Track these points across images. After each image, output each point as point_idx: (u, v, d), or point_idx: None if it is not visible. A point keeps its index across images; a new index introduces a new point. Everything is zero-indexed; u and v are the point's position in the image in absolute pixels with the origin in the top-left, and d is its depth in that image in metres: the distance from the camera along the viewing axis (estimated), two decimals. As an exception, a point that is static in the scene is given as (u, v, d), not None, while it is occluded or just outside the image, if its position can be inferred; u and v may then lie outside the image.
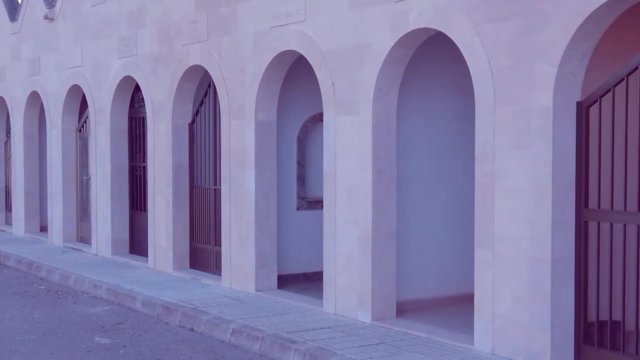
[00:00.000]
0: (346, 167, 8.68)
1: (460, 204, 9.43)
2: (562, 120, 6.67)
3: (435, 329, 7.99)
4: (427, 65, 9.25)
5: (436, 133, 9.35)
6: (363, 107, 8.44)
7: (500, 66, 7.02)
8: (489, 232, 7.14)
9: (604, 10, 6.32)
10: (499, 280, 7.07)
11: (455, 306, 9.16)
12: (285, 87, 10.61)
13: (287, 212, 10.95)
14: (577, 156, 6.73)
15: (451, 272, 9.42)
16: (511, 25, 6.91)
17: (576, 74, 6.66)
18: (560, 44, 6.53)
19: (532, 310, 6.78)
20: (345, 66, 8.68)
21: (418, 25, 7.79)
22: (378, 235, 8.42)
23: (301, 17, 9.25)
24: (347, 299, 8.67)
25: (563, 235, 6.71)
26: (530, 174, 6.79)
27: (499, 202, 7.05)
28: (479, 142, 7.23)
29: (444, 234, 9.41)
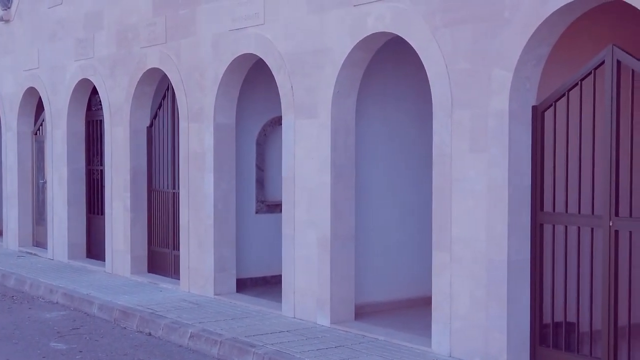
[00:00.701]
0: (305, 170, 8.69)
1: (419, 206, 9.49)
2: (518, 124, 6.75)
3: (393, 332, 8.03)
4: (386, 69, 9.30)
5: (394, 136, 9.40)
6: (322, 111, 8.46)
7: (457, 70, 7.09)
8: (447, 234, 7.20)
9: (558, 16, 6.42)
10: (457, 283, 7.12)
11: (414, 309, 9.21)
12: (244, 91, 10.59)
13: (246, 215, 10.92)
14: (532, 160, 6.81)
15: (409, 274, 9.47)
16: (468, 30, 6.98)
17: (531, 79, 6.75)
18: (515, 49, 6.61)
19: (489, 312, 6.85)
20: (304, 70, 8.70)
21: (376, 29, 7.83)
22: (337, 238, 8.45)
23: (260, 20, 9.24)
24: (306, 302, 8.67)
25: (519, 238, 6.79)
26: (486, 177, 6.86)
27: (457, 204, 7.12)
28: (437, 145, 7.29)
29: (402, 237, 9.46)
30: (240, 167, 10.79)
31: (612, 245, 6.29)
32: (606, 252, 6.31)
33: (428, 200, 9.36)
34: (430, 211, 7.51)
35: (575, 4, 6.27)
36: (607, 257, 6.30)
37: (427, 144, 9.34)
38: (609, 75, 6.26)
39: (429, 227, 9.07)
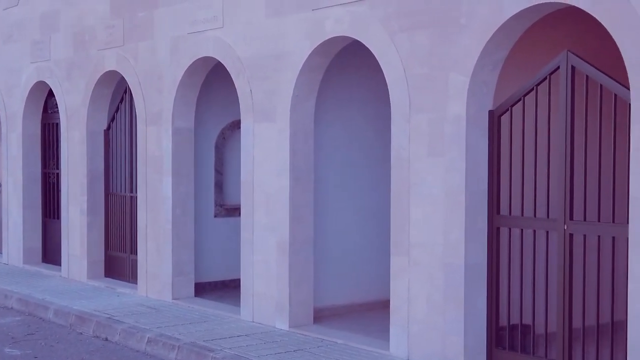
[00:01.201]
0: (264, 174, 8.68)
1: (377, 210, 9.54)
2: (475, 129, 6.82)
3: (352, 335, 8.05)
4: (345, 73, 9.33)
5: (353, 140, 9.43)
6: (281, 115, 8.46)
7: (415, 75, 7.14)
8: (405, 238, 7.24)
9: (514, 22, 6.50)
10: (415, 286, 7.17)
11: (373, 312, 9.25)
12: (203, 94, 10.55)
13: (204, 219, 10.88)
14: (489, 164, 6.88)
15: (368, 278, 9.51)
16: (426, 35, 7.03)
17: (488, 84, 6.82)
18: (472, 54, 6.68)
19: (446, 315, 6.90)
20: (263, 73, 8.69)
21: (335, 33, 7.86)
22: (295, 242, 8.45)
23: (219, 23, 9.22)
24: (265, 306, 8.66)
25: (476, 242, 6.85)
26: (444, 181, 6.92)
27: (414, 208, 7.16)
28: (395, 149, 7.33)
29: (361, 240, 9.49)
30: (199, 170, 10.74)
31: (567, 248, 6.37)
32: (561, 255, 6.40)
33: (387, 204, 9.39)
34: (389, 215, 7.55)
35: (531, 10, 6.36)
36: (562, 260, 6.39)
37: (385, 147, 9.38)
38: (564, 80, 6.35)
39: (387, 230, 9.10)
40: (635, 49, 5.63)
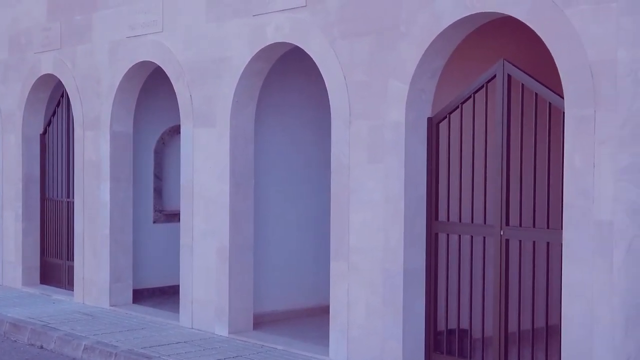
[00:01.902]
0: (204, 179, 8.64)
1: (317, 216, 9.56)
2: (414, 136, 6.90)
3: (292, 341, 8.05)
4: (286, 79, 9.35)
5: (294, 145, 9.45)
6: (221, 120, 8.43)
7: (355, 81, 7.19)
8: (345, 244, 7.27)
9: (452, 31, 6.59)
10: (354, 292, 7.21)
11: (313, 318, 9.26)
12: (142, 99, 10.45)
13: (143, 225, 10.76)
14: (427, 170, 6.96)
15: (308, 283, 9.52)
16: (366, 42, 7.09)
17: (427, 91, 6.90)
18: (411, 62, 6.75)
19: (385, 320, 6.95)
20: (203, 78, 8.65)
21: (276, 39, 7.87)
22: (235, 247, 8.42)
23: (158, 28, 9.15)
24: (204, 312, 8.60)
25: (415, 247, 6.92)
26: (383, 187, 6.97)
27: (354, 214, 7.20)
28: (335, 155, 7.36)
29: (301, 246, 9.50)
30: (138, 176, 10.63)
31: (503, 253, 6.48)
32: (497, 260, 6.50)
33: (327, 209, 9.42)
34: (329, 221, 7.58)
35: (468, 19, 6.46)
36: (498, 265, 6.49)
37: (326, 153, 9.41)
38: (500, 88, 6.47)
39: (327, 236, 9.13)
40: (568, 59, 5.76)
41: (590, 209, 5.66)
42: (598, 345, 5.60)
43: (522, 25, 6.25)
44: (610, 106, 5.54)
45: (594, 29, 5.61)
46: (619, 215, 5.50)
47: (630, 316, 5.44)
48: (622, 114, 5.48)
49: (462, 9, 6.39)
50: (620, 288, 5.49)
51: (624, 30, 5.46)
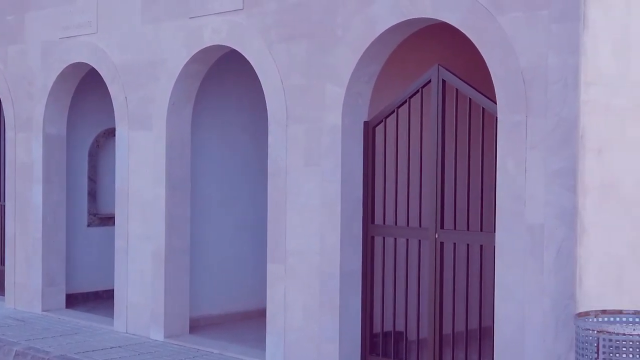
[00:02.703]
0: (139, 182, 8.55)
1: (255, 219, 9.54)
2: (351, 139, 6.94)
3: (228, 345, 8.03)
4: (223, 82, 9.31)
5: (232, 148, 9.42)
6: (157, 122, 8.36)
7: (292, 85, 7.21)
8: (282, 247, 7.28)
9: (388, 35, 6.66)
10: (291, 294, 7.22)
11: (250, 321, 9.24)
12: (76, 101, 10.28)
13: (77, 228, 10.60)
14: (364, 174, 7.02)
15: (245, 287, 9.50)
16: (303, 46, 7.11)
17: (363, 95, 6.96)
18: (348, 66, 6.80)
19: (322, 323, 6.98)
20: (138, 80, 8.57)
21: (212, 42, 7.84)
22: (171, 251, 8.36)
23: (93, 29, 9.02)
24: (139, 316, 8.52)
25: (351, 250, 6.97)
26: (320, 190, 7.00)
27: (291, 217, 7.22)
28: (272, 158, 7.37)
29: (238, 249, 9.47)
30: (72, 178, 10.47)
31: (438, 256, 6.56)
32: (432, 263, 6.59)
33: (264, 212, 9.42)
34: (266, 223, 7.58)
35: (404, 24, 6.53)
36: (433, 267, 6.58)
37: (263, 156, 9.41)
38: (435, 93, 6.55)
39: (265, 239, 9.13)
40: (501, 65, 5.87)
41: (522, 212, 5.78)
42: (529, 346, 5.72)
43: (458, 31, 6.35)
44: (541, 111, 5.67)
45: (526, 36, 5.73)
46: (549, 219, 5.63)
47: (560, 317, 5.56)
48: (552, 119, 5.61)
49: (398, 14, 6.47)
50: (550, 290, 5.62)
51: (554, 37, 5.60)
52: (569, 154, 5.54)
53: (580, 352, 5.01)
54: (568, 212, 5.54)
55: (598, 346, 4.87)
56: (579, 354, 5.02)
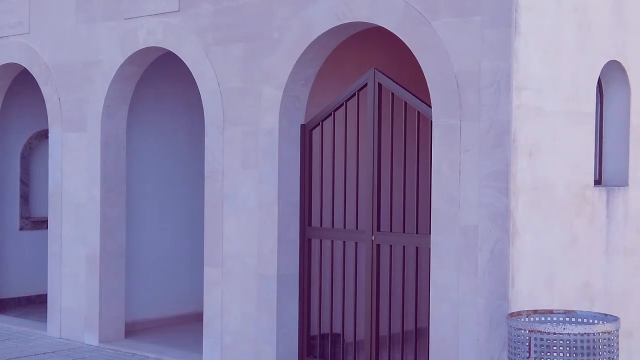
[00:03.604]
0: (74, 185, 8.43)
1: (192, 222, 9.49)
2: (287, 142, 6.96)
3: (164, 349, 7.96)
4: (160, 83, 9.24)
5: (168, 151, 9.35)
6: (91, 124, 8.25)
7: (229, 88, 7.19)
8: (218, 250, 7.26)
9: (325, 39, 6.69)
10: (228, 298, 7.20)
11: (187, 325, 9.18)
12: (8, 102, 10.08)
13: (8, 232, 10.39)
14: (301, 177, 7.04)
15: (183, 290, 9.43)
16: (239, 49, 7.10)
17: (300, 98, 6.98)
18: (285, 69, 6.81)
19: (259, 326, 6.98)
20: (72, 82, 8.44)
21: (148, 43, 7.77)
22: (106, 254, 8.25)
23: (25, 29, 8.86)
24: (73, 321, 8.39)
25: (288, 253, 6.98)
26: (257, 193, 7.00)
27: (228, 220, 7.20)
28: (209, 161, 7.34)
29: (175, 253, 9.40)
30: (3, 181, 10.26)
31: (374, 258, 6.62)
32: (369, 265, 6.64)
33: (201, 215, 9.38)
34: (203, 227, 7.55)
35: (340, 28, 6.57)
36: (370, 269, 6.63)
37: (201, 159, 9.38)
38: (371, 97, 6.61)
39: (202, 242, 9.09)
40: (436, 69, 5.95)
41: (457, 214, 5.86)
42: (464, 346, 5.81)
43: (395, 36, 6.41)
44: (474, 115, 5.77)
45: (459, 41, 5.82)
46: (483, 220, 5.73)
47: (493, 317, 5.67)
48: (485, 123, 5.71)
49: (334, 18, 6.51)
50: (484, 290, 5.72)
51: (487, 42, 5.70)
52: (501, 157, 5.64)
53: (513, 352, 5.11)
54: (501, 214, 5.64)
55: (530, 345, 4.98)
56: (512, 353, 5.13)
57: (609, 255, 6.40)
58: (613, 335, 5.01)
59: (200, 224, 9.40)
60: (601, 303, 6.32)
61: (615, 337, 5.04)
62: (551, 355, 4.92)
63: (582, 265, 6.16)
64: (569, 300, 6.05)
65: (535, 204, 5.79)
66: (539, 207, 5.82)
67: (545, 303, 5.85)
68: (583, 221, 6.16)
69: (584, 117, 6.16)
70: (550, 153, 5.90)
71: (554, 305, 5.91)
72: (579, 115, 6.11)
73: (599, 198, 6.29)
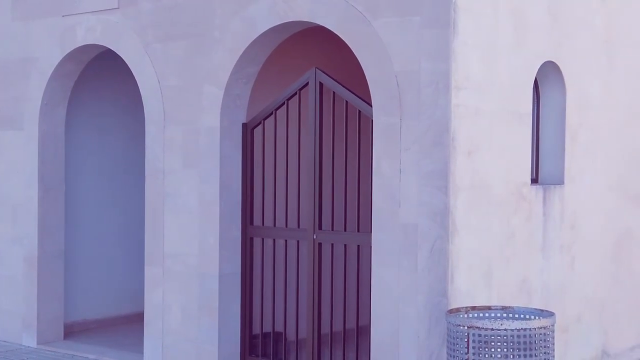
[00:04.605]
0: (10, 184, 8.28)
1: (133, 221, 9.40)
2: (229, 141, 6.94)
3: (105, 350, 7.88)
4: (100, 81, 9.12)
5: (108, 150, 9.24)
6: (29, 123, 8.12)
7: (170, 86, 7.14)
8: (159, 249, 7.21)
9: (266, 37, 6.69)
10: (169, 297, 7.15)
11: (128, 325, 9.09)
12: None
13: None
14: (242, 175, 7.03)
15: (124, 290, 9.34)
16: (180, 47, 7.06)
17: (242, 97, 6.97)
18: (226, 68, 6.79)
19: (201, 325, 6.95)
20: (8, 79, 8.29)
21: (87, 41, 7.67)
22: (45, 255, 8.13)
23: (-40, 24, 8.67)
24: (10, 323, 8.25)
25: (230, 252, 6.96)
26: (198, 192, 6.97)
27: (170, 219, 7.15)
28: (149, 160, 7.28)
29: (116, 252, 9.30)
30: (-63, 180, 10.02)
31: (316, 257, 6.64)
32: (310, 264, 6.66)
33: (142, 214, 9.30)
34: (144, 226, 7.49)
35: (282, 27, 6.58)
36: (312, 268, 6.66)
37: (141, 158, 9.29)
38: (312, 96, 6.63)
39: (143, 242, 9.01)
40: (376, 69, 6.00)
41: (397, 212, 5.92)
42: (404, 343, 5.87)
43: (337, 35, 6.44)
44: (414, 114, 5.83)
45: (399, 40, 5.88)
46: (422, 218, 5.79)
47: (433, 314, 5.74)
48: (425, 122, 5.78)
49: (275, 17, 6.51)
50: (424, 287, 5.78)
51: (426, 42, 5.76)
52: (440, 155, 5.71)
53: (452, 347, 5.19)
54: (440, 212, 5.71)
55: (468, 341, 5.05)
56: (451, 349, 5.21)
57: (545, 252, 6.53)
58: (549, 330, 5.12)
59: (141, 223, 9.31)
60: (538, 299, 6.45)
61: (551, 332, 5.15)
62: (489, 351, 5.00)
63: (519, 262, 6.27)
64: (507, 296, 6.16)
65: (473, 202, 5.88)
66: (477, 206, 5.91)
67: (483, 299, 5.95)
68: (520, 219, 6.28)
69: (521, 116, 6.27)
70: (488, 152, 6.00)
71: (493, 302, 6.01)
72: (516, 114, 6.22)
73: (535, 196, 6.42)
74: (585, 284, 6.96)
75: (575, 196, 6.83)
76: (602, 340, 7.14)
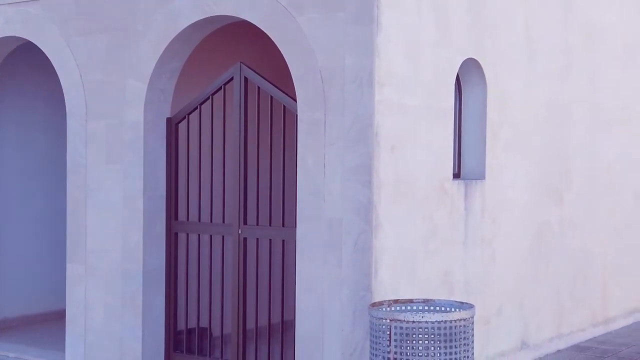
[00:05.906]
0: None
1: (55, 217, 9.23)
2: (153, 136, 6.87)
3: (25, 348, 7.73)
4: (20, 75, 8.92)
5: (30, 144, 9.04)
6: (-55, 117, 7.90)
7: (92, 80, 7.03)
8: (82, 245, 7.10)
9: (190, 32, 6.64)
10: (92, 294, 7.05)
11: (50, 323, 8.93)
12: None
13: None
14: (167, 170, 6.97)
15: (46, 288, 9.16)
16: (102, 41, 6.95)
17: (166, 91, 6.90)
18: (150, 62, 6.72)
19: (124, 322, 6.87)
20: None
21: (5, 33, 7.49)
22: (-38, 253, 7.93)
23: None
24: None
25: (154, 247, 6.90)
26: (122, 187, 6.88)
27: (92, 215, 7.05)
28: (71, 155, 7.16)
29: (38, 249, 9.12)
30: None
31: (241, 252, 6.63)
32: (235, 259, 6.65)
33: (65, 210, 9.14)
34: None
35: (206, 21, 6.54)
36: (237, 263, 6.64)
37: (63, 153, 9.13)
38: (237, 91, 6.61)
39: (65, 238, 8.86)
40: (300, 64, 6.01)
41: (322, 207, 5.95)
42: (329, 337, 5.91)
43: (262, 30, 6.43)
44: (338, 110, 5.86)
45: (323, 36, 5.90)
46: (347, 213, 5.84)
47: (357, 308, 5.79)
48: (349, 117, 5.82)
49: (199, 11, 6.47)
50: (348, 281, 5.83)
51: (350, 38, 5.80)
52: (364, 151, 5.76)
53: (375, 340, 5.24)
54: (364, 206, 5.76)
55: (390, 334, 5.12)
56: (373, 342, 5.26)
57: (467, 246, 6.64)
58: (469, 322, 5.21)
59: (64, 219, 9.15)
60: (460, 292, 6.56)
61: (471, 324, 5.25)
62: (411, 343, 5.07)
63: (442, 256, 6.37)
64: (430, 289, 6.25)
65: (397, 197, 5.95)
66: (400, 200, 5.98)
67: (407, 293, 6.02)
68: (443, 213, 6.37)
69: (443, 112, 6.36)
70: (411, 147, 6.07)
71: (416, 295, 6.10)
72: (439, 110, 6.31)
73: (457, 191, 6.53)
74: (506, 277, 7.10)
75: (496, 191, 6.97)
76: (522, 331, 7.31)
